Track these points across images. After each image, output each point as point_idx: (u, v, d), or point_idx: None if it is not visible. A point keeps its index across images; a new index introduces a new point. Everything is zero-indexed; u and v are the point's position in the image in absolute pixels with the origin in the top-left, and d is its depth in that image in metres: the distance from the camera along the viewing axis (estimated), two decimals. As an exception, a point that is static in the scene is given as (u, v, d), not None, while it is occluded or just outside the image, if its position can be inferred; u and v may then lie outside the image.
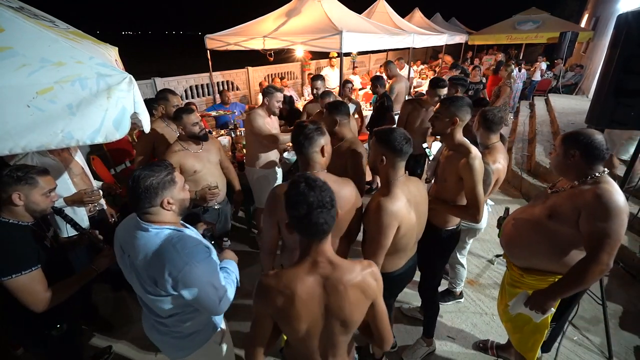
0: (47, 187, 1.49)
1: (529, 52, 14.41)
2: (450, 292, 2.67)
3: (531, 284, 1.63)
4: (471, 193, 1.72)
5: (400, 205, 1.44)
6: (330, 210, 0.96)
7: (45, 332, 1.57)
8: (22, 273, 1.35)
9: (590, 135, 1.42)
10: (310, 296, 0.99)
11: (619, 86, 1.95)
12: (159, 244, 1.18)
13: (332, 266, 1.01)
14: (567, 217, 1.43)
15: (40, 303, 1.41)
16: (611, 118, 2.02)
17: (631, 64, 1.90)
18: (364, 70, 10.69)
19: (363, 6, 7.77)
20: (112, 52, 2.15)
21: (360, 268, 1.05)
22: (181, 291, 1.19)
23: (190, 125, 2.25)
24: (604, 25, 8.74)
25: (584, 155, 1.41)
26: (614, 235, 1.32)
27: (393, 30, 6.06)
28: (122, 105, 1.30)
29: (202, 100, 6.23)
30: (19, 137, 1.16)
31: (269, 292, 1.00)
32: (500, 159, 2.12)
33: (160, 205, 1.21)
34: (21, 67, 1.16)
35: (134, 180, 1.17)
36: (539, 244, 1.55)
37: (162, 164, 1.25)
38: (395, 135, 1.42)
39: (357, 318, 1.06)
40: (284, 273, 1.02)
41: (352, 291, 1.01)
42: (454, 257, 2.53)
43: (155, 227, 1.21)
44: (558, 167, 1.54)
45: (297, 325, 1.01)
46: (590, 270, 1.36)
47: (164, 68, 17.96)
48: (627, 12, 1.94)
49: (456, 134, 1.79)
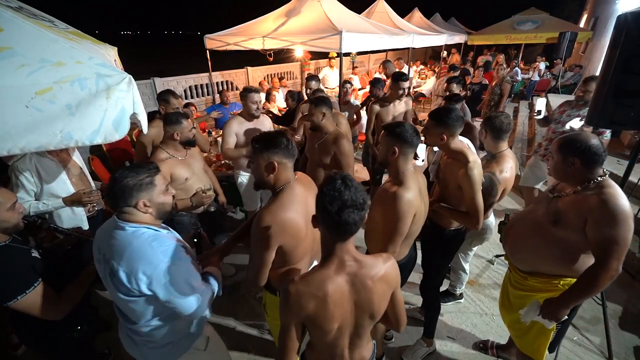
0: (8, 202, 1.37)
1: (528, 52, 14.43)
2: (451, 293, 2.68)
3: (536, 287, 1.62)
4: (470, 202, 1.73)
5: (415, 195, 1.50)
6: (360, 212, 0.96)
7: (67, 335, 1.58)
8: (25, 293, 1.31)
9: (586, 140, 1.41)
10: (341, 295, 1.01)
11: (619, 87, 1.95)
12: (134, 242, 1.17)
13: (357, 263, 1.04)
14: (573, 224, 1.42)
15: (56, 312, 1.40)
16: (611, 119, 2.02)
17: (631, 65, 1.90)
18: (364, 70, 10.69)
19: (362, 6, 7.77)
20: (111, 52, 2.15)
21: (382, 261, 1.09)
22: (156, 289, 1.17)
23: (188, 131, 2.17)
24: (603, 25, 8.75)
25: (584, 162, 1.40)
26: (621, 242, 1.32)
27: (392, 31, 6.06)
28: (122, 105, 1.30)
29: (201, 100, 6.22)
30: (18, 138, 1.16)
31: (299, 298, 0.99)
32: (507, 167, 2.02)
33: (135, 206, 1.21)
34: (20, 67, 1.16)
35: (113, 178, 1.19)
36: (545, 249, 1.54)
37: (147, 166, 1.25)
38: (406, 127, 1.51)
39: (384, 308, 1.12)
40: (313, 277, 1.02)
41: (379, 284, 1.05)
42: (457, 262, 2.50)
43: (131, 226, 1.20)
44: (558, 174, 1.53)
45: (330, 326, 1.03)
46: (601, 277, 1.36)
47: (164, 68, 17.90)
48: (626, 13, 1.93)
49: (450, 143, 1.79)
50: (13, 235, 1.44)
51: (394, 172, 1.57)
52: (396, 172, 1.56)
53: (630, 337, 2.35)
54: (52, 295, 1.40)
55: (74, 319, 1.56)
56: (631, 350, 2.26)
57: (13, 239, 1.44)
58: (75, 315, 1.53)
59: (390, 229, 1.50)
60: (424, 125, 1.88)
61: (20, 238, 1.50)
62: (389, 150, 1.53)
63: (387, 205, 1.50)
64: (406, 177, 1.52)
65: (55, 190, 2.08)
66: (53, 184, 2.07)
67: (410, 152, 1.53)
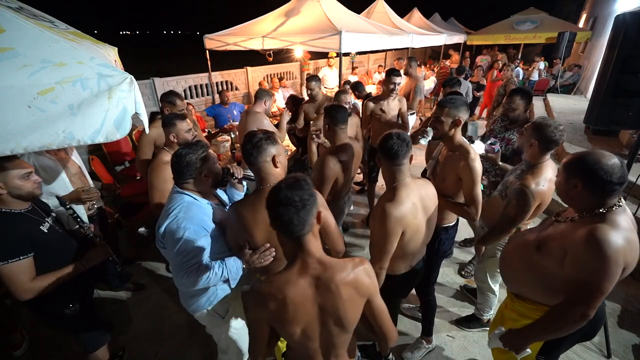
0: (20, 170, 1.48)
1: (527, 52, 14.45)
2: (477, 318, 2.43)
3: (518, 310, 1.50)
4: (469, 193, 1.74)
5: (405, 210, 1.42)
6: (298, 210, 0.94)
7: (59, 312, 1.67)
8: (8, 261, 1.38)
9: (597, 160, 1.15)
10: (303, 298, 0.99)
11: (617, 86, 1.96)
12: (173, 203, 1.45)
13: (322, 266, 1.01)
14: (553, 254, 1.26)
15: (23, 292, 1.46)
16: (609, 118, 2.04)
17: (629, 64, 1.91)
18: (363, 70, 10.70)
19: (362, 6, 7.78)
20: (111, 52, 2.15)
21: (352, 266, 1.04)
22: (165, 243, 1.41)
23: (184, 132, 2.14)
24: (601, 25, 8.77)
25: (586, 186, 1.18)
26: (596, 289, 1.14)
27: (392, 30, 6.07)
28: (123, 105, 1.31)
29: (201, 100, 6.22)
30: (21, 138, 1.17)
31: (261, 297, 1.01)
32: (544, 180, 1.71)
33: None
34: (22, 68, 1.16)
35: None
36: (526, 273, 1.42)
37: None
38: (388, 142, 1.43)
39: (353, 316, 1.05)
40: (276, 278, 1.02)
41: (345, 289, 1.00)
42: (485, 281, 2.23)
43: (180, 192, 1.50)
44: (561, 196, 1.33)
45: (293, 328, 1.02)
46: (565, 319, 1.21)
47: (163, 68, 17.91)
48: (624, 13, 1.95)
49: (457, 135, 1.81)
50: (34, 206, 1.57)
51: (387, 184, 1.53)
52: (388, 184, 1.51)
53: (629, 336, 2.36)
54: (29, 274, 1.46)
55: (66, 297, 1.67)
56: (630, 348, 2.27)
57: (32, 209, 1.56)
58: (68, 294, 1.66)
59: (377, 245, 1.48)
60: (433, 116, 1.87)
61: (40, 210, 1.62)
62: (378, 162, 1.54)
63: (375, 219, 1.47)
64: (398, 190, 1.45)
65: (54, 190, 2.08)
66: (53, 183, 2.07)
67: (394, 165, 1.46)
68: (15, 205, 1.50)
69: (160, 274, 3.05)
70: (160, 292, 2.84)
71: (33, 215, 1.56)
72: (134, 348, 2.34)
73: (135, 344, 2.36)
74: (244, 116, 3.06)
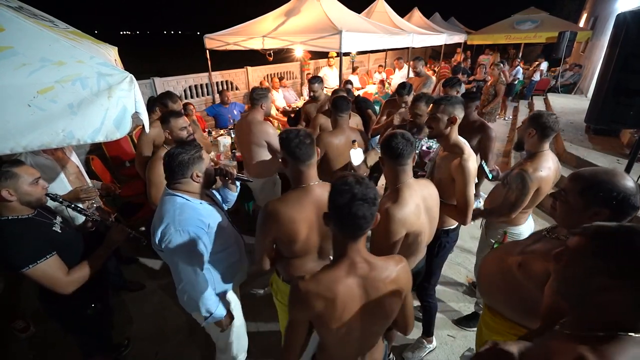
0: (30, 176, 1.48)
1: (527, 51, 14.44)
2: (478, 317, 2.42)
3: (490, 326, 1.45)
4: (461, 194, 1.71)
5: (408, 212, 1.41)
6: (371, 207, 0.94)
7: (81, 312, 1.68)
8: (37, 262, 1.39)
9: (622, 186, 1.02)
10: (351, 297, 1.00)
11: (618, 86, 1.95)
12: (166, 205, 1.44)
13: (369, 265, 1.02)
14: (535, 275, 1.18)
15: (65, 286, 1.47)
16: (610, 117, 2.03)
17: (630, 64, 1.91)
18: (363, 70, 10.69)
19: (362, 6, 7.77)
20: (111, 52, 2.15)
21: (394, 264, 1.07)
22: (163, 248, 1.40)
23: (178, 129, 2.18)
24: (602, 24, 8.76)
25: (616, 215, 1.04)
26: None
27: (392, 30, 6.06)
28: (123, 104, 1.30)
29: (201, 100, 6.22)
30: (20, 137, 1.16)
31: (308, 296, 0.99)
32: (543, 166, 1.81)
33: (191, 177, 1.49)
34: (21, 67, 1.16)
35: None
36: (502, 290, 1.35)
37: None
38: (392, 141, 1.42)
39: (396, 311, 1.10)
40: (322, 276, 1.01)
41: (390, 287, 1.04)
42: None
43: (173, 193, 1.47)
44: (569, 220, 1.15)
45: (337, 326, 1.01)
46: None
47: (163, 68, 17.89)
48: (625, 12, 1.94)
49: (452, 134, 1.80)
50: (38, 209, 1.56)
51: (389, 185, 1.52)
52: (391, 185, 1.50)
53: None
54: (62, 269, 1.47)
55: (88, 297, 1.67)
56: None
57: (38, 212, 1.55)
58: (89, 294, 1.65)
59: (379, 246, 1.46)
60: (429, 114, 1.86)
61: (45, 213, 1.62)
62: (381, 162, 1.53)
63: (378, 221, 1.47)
64: (400, 191, 1.44)
65: (53, 190, 2.07)
66: (52, 183, 2.07)
67: (397, 165, 1.45)
68: (23, 212, 1.49)
69: (161, 274, 3.05)
70: (160, 292, 2.84)
71: (42, 219, 1.56)
72: (133, 348, 2.34)
73: (135, 343, 2.36)
74: (246, 124, 2.73)
